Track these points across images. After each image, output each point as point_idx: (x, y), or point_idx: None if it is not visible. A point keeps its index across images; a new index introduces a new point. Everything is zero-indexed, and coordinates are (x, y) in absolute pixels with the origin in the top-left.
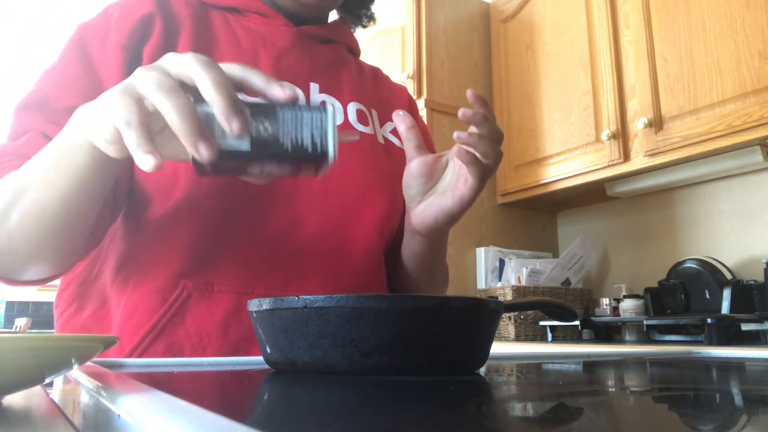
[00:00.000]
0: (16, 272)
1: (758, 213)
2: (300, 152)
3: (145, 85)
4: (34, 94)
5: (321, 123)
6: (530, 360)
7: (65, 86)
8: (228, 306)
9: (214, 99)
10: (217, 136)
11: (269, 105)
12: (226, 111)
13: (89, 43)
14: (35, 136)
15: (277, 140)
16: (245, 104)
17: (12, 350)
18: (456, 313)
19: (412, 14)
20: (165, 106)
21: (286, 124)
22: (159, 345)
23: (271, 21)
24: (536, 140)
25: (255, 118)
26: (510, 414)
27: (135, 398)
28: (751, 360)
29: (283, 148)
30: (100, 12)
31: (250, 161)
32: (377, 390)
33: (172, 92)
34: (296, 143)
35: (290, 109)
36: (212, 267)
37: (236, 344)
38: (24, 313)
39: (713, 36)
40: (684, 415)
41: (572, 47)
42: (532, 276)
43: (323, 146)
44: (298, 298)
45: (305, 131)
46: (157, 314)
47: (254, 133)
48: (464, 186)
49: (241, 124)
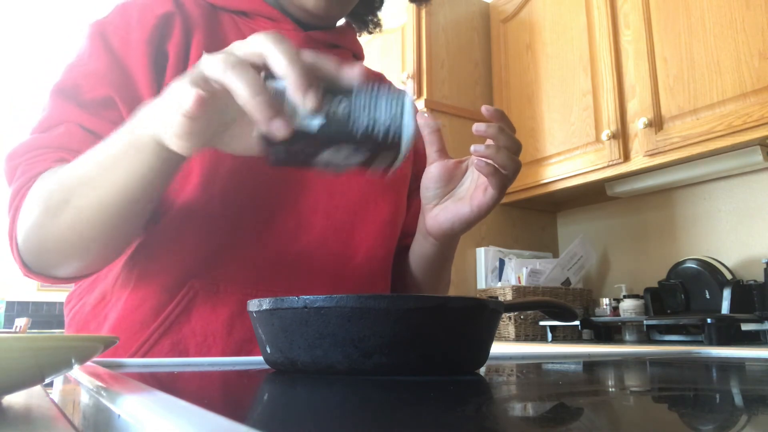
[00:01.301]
0: (54, 268)
1: (758, 213)
2: (373, 136)
3: (211, 67)
4: (66, 81)
5: (399, 107)
6: (530, 360)
7: (96, 78)
8: (233, 306)
9: (287, 71)
10: (289, 114)
11: (343, 85)
12: (299, 83)
13: (111, 39)
14: (73, 129)
15: (350, 121)
16: (319, 80)
17: (12, 350)
18: (456, 313)
19: (412, 14)
20: (234, 83)
21: (361, 104)
22: (165, 342)
23: (280, 25)
24: (536, 140)
25: (329, 95)
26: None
27: (135, 398)
28: (751, 360)
29: (355, 129)
30: (115, 10)
31: (323, 144)
32: (377, 390)
33: (239, 68)
34: (369, 125)
35: (366, 90)
36: (219, 267)
37: (240, 344)
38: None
39: (713, 36)
40: (684, 415)
41: (572, 47)
42: (532, 276)
43: (398, 131)
44: (298, 298)
45: (379, 114)
46: (164, 312)
47: (328, 112)
48: (483, 195)
49: (316, 98)
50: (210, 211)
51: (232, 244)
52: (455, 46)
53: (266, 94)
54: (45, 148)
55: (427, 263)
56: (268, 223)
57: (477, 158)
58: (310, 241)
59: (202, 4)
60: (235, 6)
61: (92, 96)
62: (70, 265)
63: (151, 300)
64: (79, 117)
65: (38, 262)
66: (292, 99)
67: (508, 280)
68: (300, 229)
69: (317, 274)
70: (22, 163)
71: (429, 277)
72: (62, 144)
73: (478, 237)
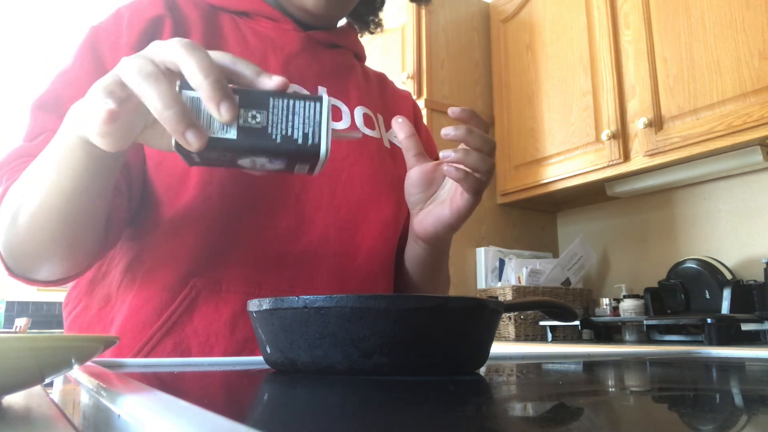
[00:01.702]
0: (32, 272)
1: (758, 213)
2: (291, 144)
3: (126, 72)
4: (48, 93)
5: (314, 114)
6: (530, 360)
7: (78, 87)
8: (235, 305)
9: (199, 83)
10: (204, 124)
11: (260, 93)
12: (213, 95)
13: (102, 45)
14: (51, 137)
15: (267, 130)
16: (234, 91)
17: (12, 350)
18: (456, 313)
19: (412, 14)
20: (147, 93)
21: (277, 113)
22: (167, 342)
23: (281, 25)
24: (536, 140)
25: (244, 105)
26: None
27: (135, 398)
28: (751, 360)
29: (273, 138)
30: (111, 14)
31: (240, 152)
32: (377, 390)
33: (153, 77)
34: (287, 134)
35: (282, 98)
36: (221, 267)
37: (243, 343)
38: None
39: (713, 36)
40: (684, 415)
41: (572, 47)
42: (532, 276)
43: (315, 139)
44: (298, 298)
45: (297, 122)
46: (167, 312)
47: (242, 122)
48: (461, 199)
49: (230, 108)
50: (209, 210)
51: (233, 242)
52: (455, 46)
53: (179, 105)
54: (27, 157)
55: (421, 265)
56: (269, 220)
57: (446, 164)
58: (313, 239)
59: (201, 5)
60: (235, 6)
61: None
62: (43, 268)
63: (154, 300)
64: (57, 125)
65: (15, 266)
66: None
67: (508, 280)
68: (302, 228)
69: (320, 272)
70: (6, 172)
71: (425, 277)
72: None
73: (478, 237)
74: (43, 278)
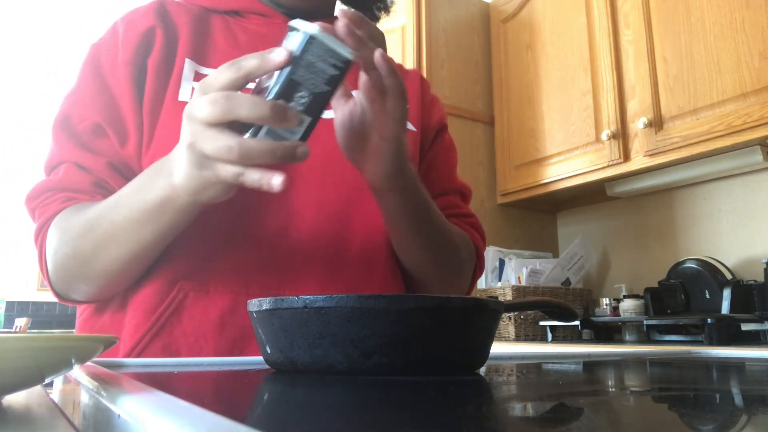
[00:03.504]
0: (77, 294)
1: (758, 213)
2: (334, 78)
3: (224, 170)
4: (61, 114)
5: (321, 48)
6: (530, 360)
7: (84, 106)
8: (223, 305)
9: (255, 117)
10: (290, 134)
11: (284, 81)
12: (274, 118)
13: (102, 62)
14: (70, 169)
15: (315, 91)
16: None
17: (12, 350)
18: (456, 313)
19: (412, 14)
20: (250, 163)
21: (305, 77)
22: (156, 345)
23: (272, 20)
24: (536, 140)
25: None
26: (510, 414)
27: (135, 398)
28: (751, 360)
29: (324, 92)
30: (109, 30)
31: (317, 117)
32: (377, 390)
33: (245, 156)
34: (325, 77)
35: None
36: (209, 268)
37: (232, 342)
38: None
39: (713, 36)
40: (684, 415)
41: (572, 47)
42: (532, 276)
43: (338, 58)
44: (298, 298)
45: (320, 65)
46: (155, 315)
47: (301, 108)
48: (386, 119)
49: (290, 115)
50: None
51: (220, 243)
52: (455, 46)
53: (267, 148)
54: (52, 190)
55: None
56: (258, 219)
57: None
58: (303, 235)
59: (193, 9)
60: (226, 6)
61: (82, 126)
62: (91, 294)
63: (143, 303)
64: (73, 155)
65: (65, 291)
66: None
67: (508, 280)
68: (291, 224)
69: (310, 269)
70: (38, 206)
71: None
72: (64, 186)
73: None
74: (85, 299)
